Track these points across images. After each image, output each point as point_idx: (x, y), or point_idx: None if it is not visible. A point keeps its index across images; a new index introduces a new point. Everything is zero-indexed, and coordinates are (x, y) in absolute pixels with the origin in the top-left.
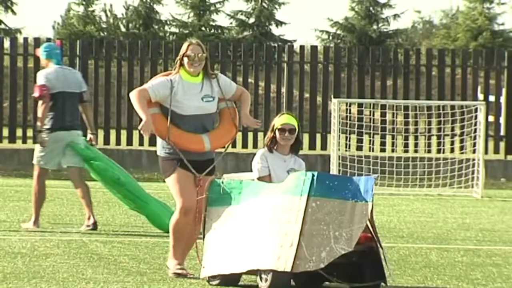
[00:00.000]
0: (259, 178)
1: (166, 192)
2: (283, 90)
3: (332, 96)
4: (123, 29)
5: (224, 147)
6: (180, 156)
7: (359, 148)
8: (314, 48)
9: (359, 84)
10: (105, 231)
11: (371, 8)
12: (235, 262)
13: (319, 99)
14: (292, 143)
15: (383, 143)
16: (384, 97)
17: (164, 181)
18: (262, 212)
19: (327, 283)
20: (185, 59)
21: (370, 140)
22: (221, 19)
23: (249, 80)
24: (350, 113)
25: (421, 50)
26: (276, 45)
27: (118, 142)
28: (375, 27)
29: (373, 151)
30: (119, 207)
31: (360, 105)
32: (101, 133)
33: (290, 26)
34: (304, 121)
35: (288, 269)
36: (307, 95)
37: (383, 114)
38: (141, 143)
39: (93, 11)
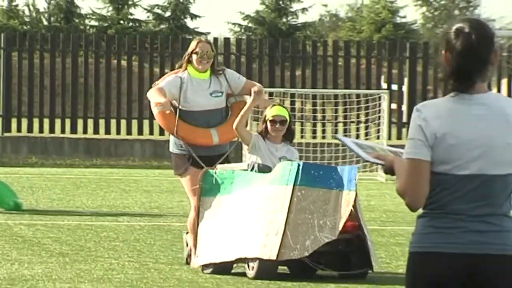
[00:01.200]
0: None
1: (87, 178)
2: None
3: None
4: (45, 23)
5: (235, 139)
6: (191, 153)
7: None
8: (227, 40)
9: (270, 74)
10: (29, 215)
11: (280, 2)
12: (225, 251)
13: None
14: (284, 133)
15: None
16: (293, 86)
17: (85, 167)
18: (251, 202)
19: (320, 271)
20: (194, 56)
21: None
22: (139, 13)
23: (166, 70)
24: None
25: (328, 42)
26: (191, 37)
27: (41, 130)
28: (284, 20)
29: None
30: (42, 192)
31: (270, 94)
32: (25, 121)
33: (204, 19)
34: None
35: (274, 257)
36: None
37: (292, 103)
38: (63, 131)
39: (17, 5)
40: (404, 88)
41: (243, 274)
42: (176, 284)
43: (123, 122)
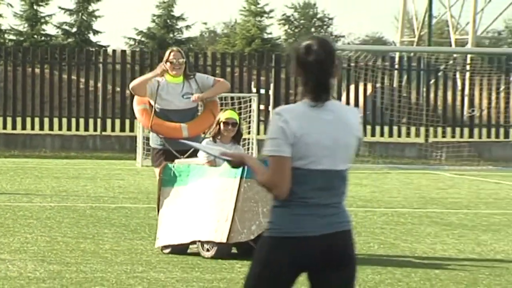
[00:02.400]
0: (206, 163)
1: (7, 166)
2: (100, 85)
3: None
4: None
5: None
6: (167, 148)
7: None
8: (123, 52)
9: None
10: None
11: (168, 21)
12: (182, 234)
13: (128, 92)
14: (234, 134)
15: None
16: None
17: (5, 157)
18: (204, 192)
19: None
20: (168, 64)
21: None
22: (50, 29)
23: (73, 77)
24: None
25: (207, 53)
26: (93, 49)
27: None
28: (171, 35)
29: None
30: None
31: None
32: None
33: (105, 34)
34: (116, 109)
35: (224, 240)
36: (118, 89)
37: None
38: None
39: None
40: (271, 92)
41: (197, 254)
42: (81, 255)
43: (37, 120)
